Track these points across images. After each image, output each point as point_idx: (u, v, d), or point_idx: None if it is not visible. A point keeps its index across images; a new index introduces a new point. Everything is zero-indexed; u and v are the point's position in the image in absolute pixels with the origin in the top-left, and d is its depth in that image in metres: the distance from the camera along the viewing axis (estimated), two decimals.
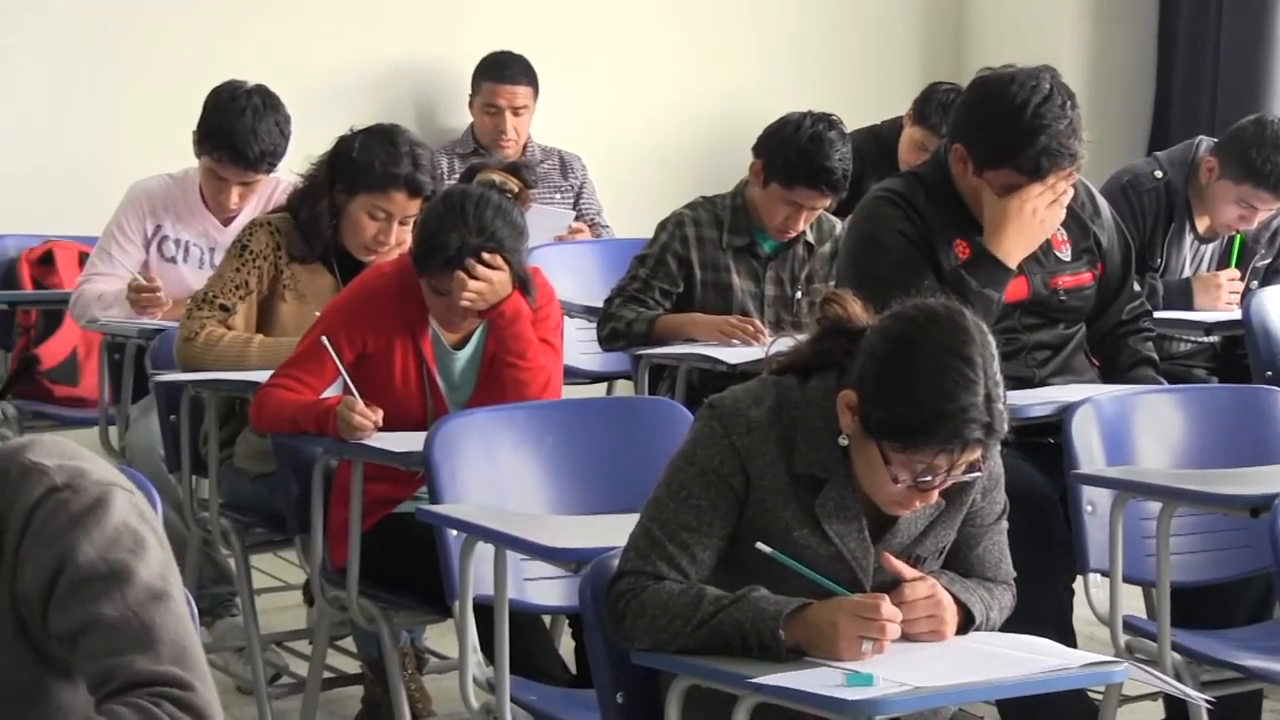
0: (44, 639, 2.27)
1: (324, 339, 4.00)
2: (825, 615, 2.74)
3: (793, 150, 4.90)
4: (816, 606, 2.75)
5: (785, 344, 3.04)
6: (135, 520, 2.29)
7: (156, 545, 2.30)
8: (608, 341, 5.12)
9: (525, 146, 6.71)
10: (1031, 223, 4.14)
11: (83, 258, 5.85)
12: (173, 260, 5.46)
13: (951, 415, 2.71)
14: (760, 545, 2.79)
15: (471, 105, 6.73)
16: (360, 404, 3.92)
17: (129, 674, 2.17)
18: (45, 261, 6.19)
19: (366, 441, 3.90)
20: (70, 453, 2.34)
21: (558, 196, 6.67)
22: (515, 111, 6.64)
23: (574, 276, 5.74)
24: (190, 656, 2.22)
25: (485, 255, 3.92)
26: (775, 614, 2.71)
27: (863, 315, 2.91)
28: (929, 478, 2.76)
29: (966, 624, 2.87)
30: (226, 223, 5.44)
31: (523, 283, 4.03)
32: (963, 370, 2.72)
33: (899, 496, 2.79)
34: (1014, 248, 4.15)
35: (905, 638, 2.77)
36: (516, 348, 4.04)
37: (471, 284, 3.94)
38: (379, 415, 3.92)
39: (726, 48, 7.49)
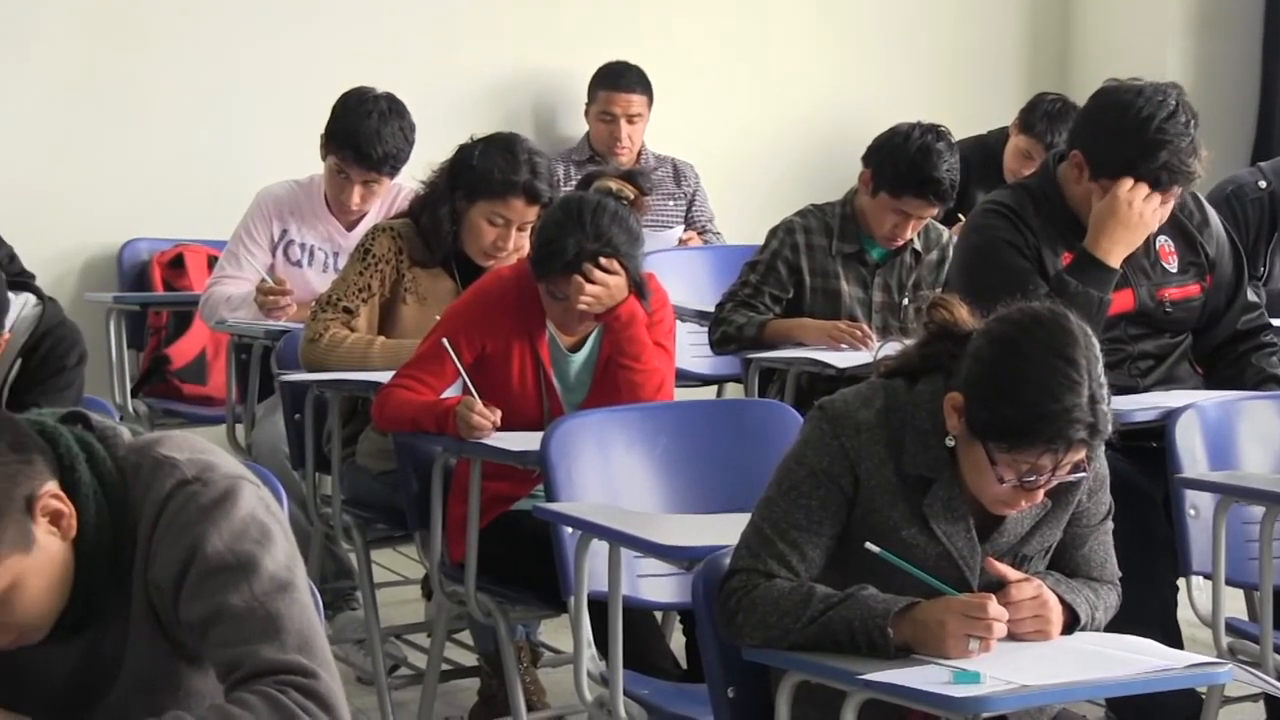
0: (175, 627, 2.30)
1: (444, 341, 4.01)
2: (933, 614, 2.72)
3: (901, 161, 4.88)
4: (924, 605, 2.74)
5: (893, 348, 3.03)
6: (262, 512, 2.31)
7: (282, 537, 2.32)
8: (719, 345, 5.11)
9: (640, 154, 6.71)
10: (1130, 217, 4.09)
11: (211, 261, 5.90)
12: (298, 264, 5.49)
13: (1055, 416, 2.69)
14: (869, 545, 2.78)
15: (588, 113, 6.73)
16: (479, 404, 3.92)
17: (256, 662, 2.20)
18: (176, 264, 6.26)
19: (485, 441, 3.91)
20: (199, 447, 2.37)
21: (671, 203, 6.68)
22: (630, 119, 6.64)
23: (686, 282, 5.73)
24: (314, 645, 2.24)
25: (602, 260, 3.92)
26: (884, 612, 2.70)
27: (969, 320, 2.89)
28: (1034, 478, 2.74)
29: (1072, 624, 2.84)
30: (350, 227, 5.46)
31: (638, 287, 4.03)
32: (1066, 371, 2.70)
33: (1005, 496, 2.77)
34: (1114, 246, 4.11)
35: (1011, 637, 2.76)
36: (632, 350, 4.04)
37: (589, 288, 3.94)
38: (497, 415, 3.92)
39: (837, 60, 7.47)
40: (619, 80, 6.67)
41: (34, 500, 2.20)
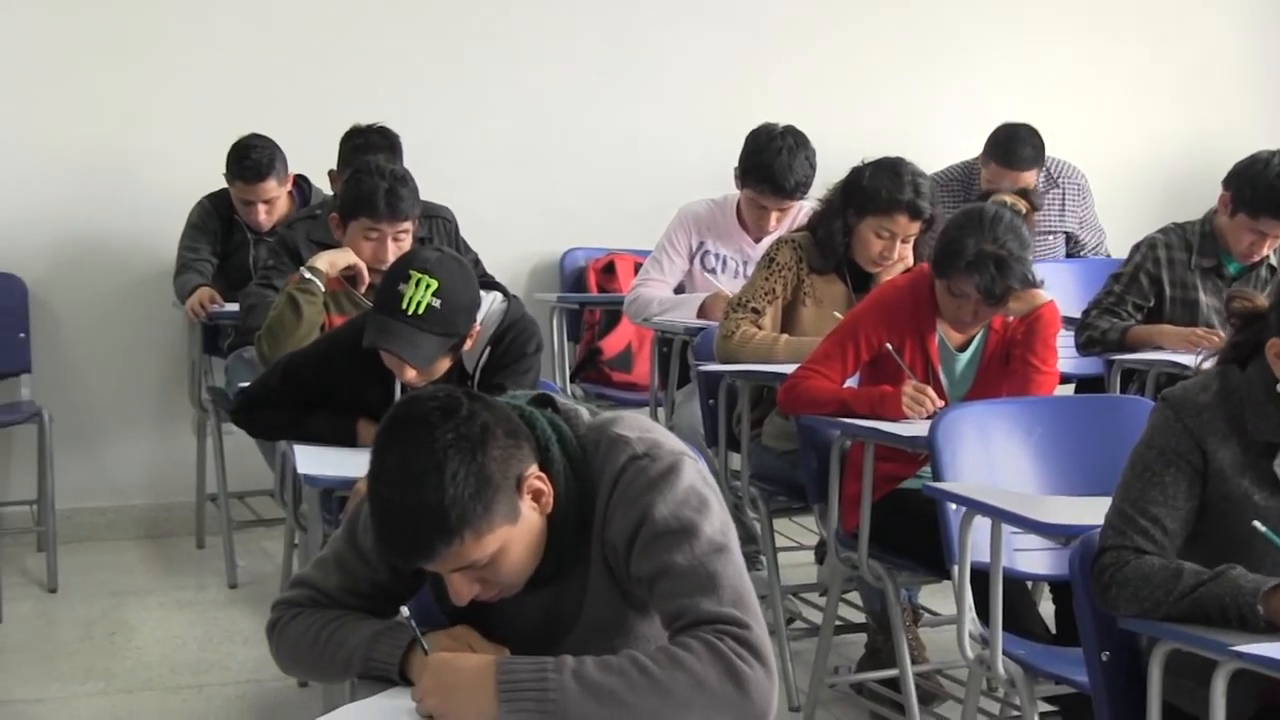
0: (626, 581, 2.32)
1: (888, 345, 4.00)
2: None
3: (1260, 184, 4.69)
4: None
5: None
6: (700, 484, 2.32)
7: (717, 505, 2.32)
8: (1085, 347, 4.98)
9: None
10: None
11: (637, 267, 5.98)
12: (712, 271, 5.53)
13: None
14: (1256, 524, 2.64)
15: (984, 169, 6.26)
16: (930, 389, 3.92)
17: (696, 613, 2.20)
18: (607, 270, 6.37)
19: (878, 426, 3.87)
20: (647, 426, 2.39)
21: (1050, 239, 6.47)
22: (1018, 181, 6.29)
23: (1053, 291, 5.59)
24: (746, 601, 2.24)
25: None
26: (1253, 590, 2.57)
27: (1263, 301, 2.78)
28: None
29: None
30: (757, 240, 5.48)
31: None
32: None
33: None
34: None
35: None
36: (1043, 352, 3.99)
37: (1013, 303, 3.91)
38: (939, 403, 3.90)
39: (1200, 90, 7.26)
40: (1011, 159, 6.13)
41: (522, 480, 2.23)
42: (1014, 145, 6.17)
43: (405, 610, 2.29)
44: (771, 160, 5.23)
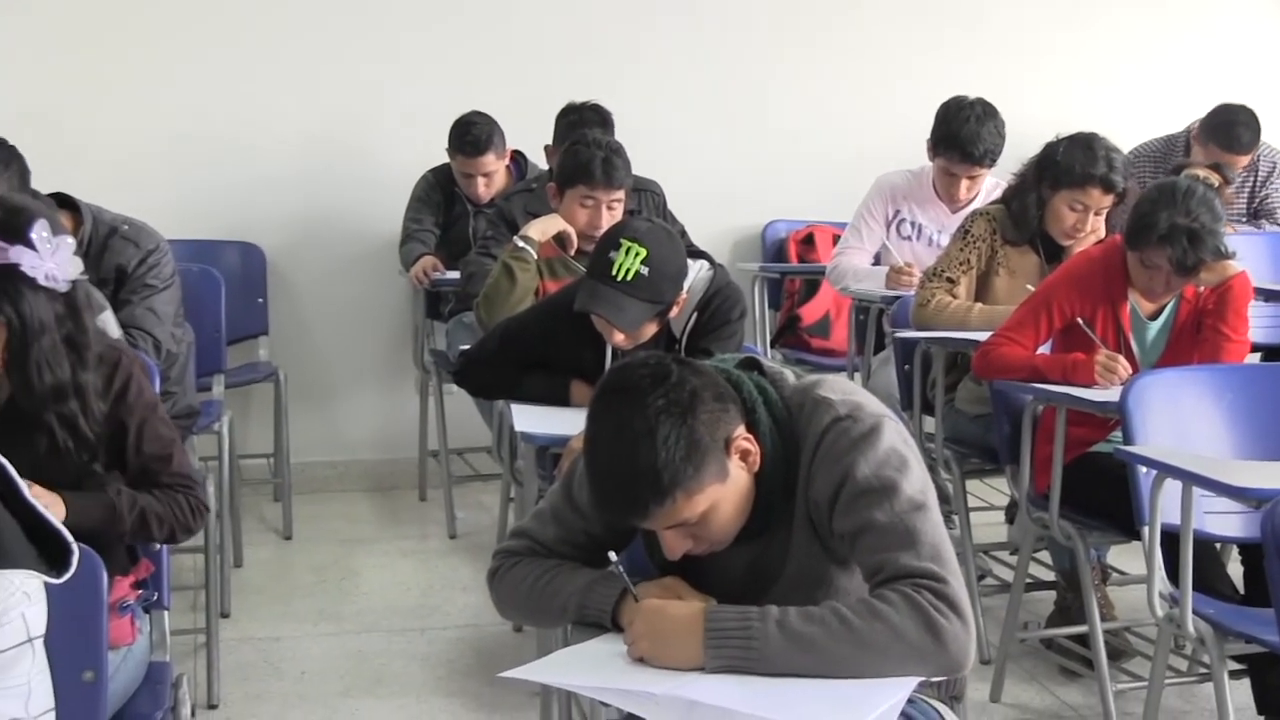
0: (828, 536, 2.32)
1: (1079, 320, 3.94)
2: None
3: None
4: None
5: None
6: (900, 445, 2.30)
7: (917, 465, 2.31)
8: None
9: None
10: None
11: (835, 239, 5.95)
12: (908, 239, 5.49)
13: None
14: None
15: (1200, 149, 6.03)
16: (1122, 359, 3.86)
17: (896, 567, 2.19)
18: (807, 241, 6.35)
19: (1069, 391, 3.82)
20: (849, 389, 2.38)
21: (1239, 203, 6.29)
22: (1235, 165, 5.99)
23: (1242, 261, 5.45)
24: (944, 556, 2.22)
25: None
26: None
27: None
28: None
29: None
30: (953, 210, 5.42)
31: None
32: None
33: None
34: None
35: None
36: (1234, 321, 3.90)
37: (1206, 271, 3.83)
38: (1129, 371, 3.84)
39: None
40: (1234, 144, 5.94)
41: (730, 441, 2.25)
42: (1235, 129, 5.94)
43: (613, 556, 2.31)
44: (960, 128, 5.18)
